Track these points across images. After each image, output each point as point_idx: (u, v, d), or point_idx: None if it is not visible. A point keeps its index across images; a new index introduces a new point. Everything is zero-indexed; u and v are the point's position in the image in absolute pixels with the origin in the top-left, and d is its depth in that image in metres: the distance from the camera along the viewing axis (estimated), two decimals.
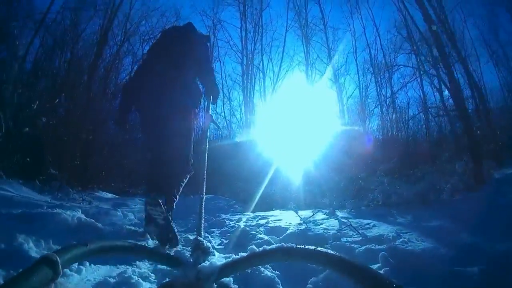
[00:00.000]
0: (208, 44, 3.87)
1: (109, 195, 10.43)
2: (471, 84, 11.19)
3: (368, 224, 4.35)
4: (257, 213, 6.70)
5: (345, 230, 4.06)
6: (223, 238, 3.91)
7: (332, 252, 1.02)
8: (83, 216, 3.72)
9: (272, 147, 11.38)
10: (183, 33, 3.48)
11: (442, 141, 13.27)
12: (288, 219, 5.30)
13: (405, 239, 3.31)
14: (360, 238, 3.61)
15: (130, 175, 12.88)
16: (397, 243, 3.16)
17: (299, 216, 5.26)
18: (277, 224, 4.71)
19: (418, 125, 16.23)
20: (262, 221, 5.09)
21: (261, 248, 1.44)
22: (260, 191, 8.21)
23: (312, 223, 4.76)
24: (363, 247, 3.06)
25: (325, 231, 3.95)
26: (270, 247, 1.31)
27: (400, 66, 16.60)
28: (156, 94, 3.11)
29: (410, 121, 15.91)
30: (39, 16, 11.16)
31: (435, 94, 15.82)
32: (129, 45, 15.82)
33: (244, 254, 1.56)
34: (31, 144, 7.72)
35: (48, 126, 8.91)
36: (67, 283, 1.66)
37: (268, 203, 8.62)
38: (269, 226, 4.49)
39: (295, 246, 1.18)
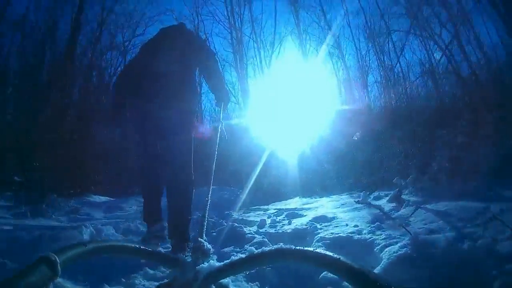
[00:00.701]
0: (208, 45, 3.45)
1: (103, 199, 8.57)
2: None
3: (486, 208, 2.33)
4: (278, 207, 4.71)
5: (468, 228, 2.06)
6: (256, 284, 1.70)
7: (331, 254, 0.89)
8: None
9: (272, 128, 9.29)
10: (181, 30, 3.04)
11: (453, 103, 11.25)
12: (339, 214, 3.23)
13: None
14: None
15: (127, 174, 10.78)
16: None
17: (372, 205, 3.04)
18: (338, 230, 2.57)
19: (416, 91, 14.17)
20: (299, 223, 3.05)
21: (259, 250, 1.17)
22: (266, 178, 6.93)
23: (388, 216, 2.74)
24: None
25: (444, 237, 1.87)
26: (269, 248, 1.18)
27: (393, 31, 14.36)
28: (155, 91, 2.67)
29: (414, 85, 13.83)
30: None
31: (433, 56, 13.67)
32: (110, 36, 13.47)
33: (243, 256, 1.25)
34: None
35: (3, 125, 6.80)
36: (65, 283, 1.45)
37: (279, 191, 6.74)
38: (327, 238, 2.34)
39: (293, 247, 1.07)
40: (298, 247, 1.07)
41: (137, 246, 1.36)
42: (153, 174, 2.74)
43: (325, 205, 3.96)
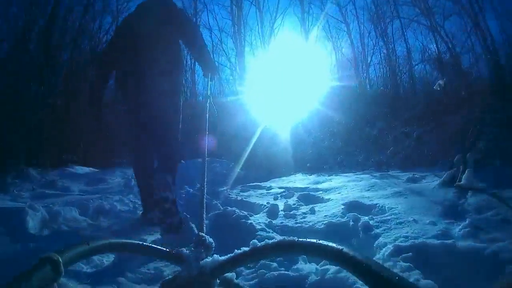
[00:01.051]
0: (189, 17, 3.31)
1: (86, 170, 7.48)
2: None
3: None
4: (282, 185, 3.76)
5: None
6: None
7: (335, 245, 0.83)
8: None
9: (269, 101, 8.42)
10: (159, 2, 2.74)
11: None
12: (379, 200, 2.25)
13: None
14: None
15: (114, 143, 9.70)
16: None
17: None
18: (410, 231, 1.53)
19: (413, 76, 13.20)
20: (330, 213, 2.05)
21: (263, 242, 1.09)
22: (262, 152, 6.13)
23: (463, 207, 1.81)
24: None
25: None
26: (272, 240, 1.07)
27: (403, 18, 13.15)
28: (139, 65, 2.48)
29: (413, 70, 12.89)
30: None
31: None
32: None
33: (246, 249, 1.10)
34: None
35: None
36: (68, 283, 1.33)
37: (278, 166, 5.77)
38: (406, 247, 1.29)
39: (296, 239, 0.98)
40: (301, 239, 0.95)
41: (139, 243, 1.27)
42: (145, 151, 2.61)
43: (347, 186, 2.99)
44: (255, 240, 1.42)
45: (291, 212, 2.20)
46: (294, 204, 2.44)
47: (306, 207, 2.31)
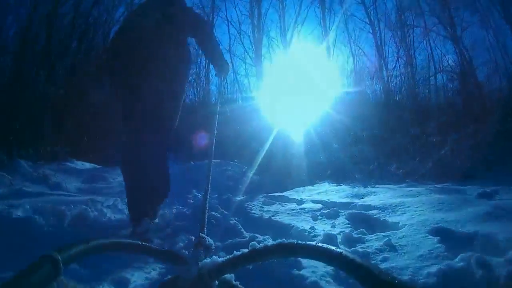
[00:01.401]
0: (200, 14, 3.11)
1: (87, 165, 6.93)
2: None
3: None
4: (312, 196, 3.06)
5: None
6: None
7: (333, 248, 0.79)
8: None
9: (287, 103, 7.97)
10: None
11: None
12: (475, 226, 1.50)
13: None
14: None
15: (117, 138, 9.07)
16: None
17: None
18: None
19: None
20: (423, 251, 1.33)
21: (262, 245, 1.01)
22: (277, 156, 5.53)
23: None
24: None
25: None
26: (271, 243, 1.02)
27: (415, 27, 12.61)
28: (144, 62, 2.30)
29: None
30: None
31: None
32: None
33: (245, 251, 1.02)
34: None
35: None
36: (68, 281, 1.00)
37: (298, 174, 5.08)
38: None
39: (296, 242, 0.92)
40: (300, 241, 0.90)
41: (140, 243, 1.20)
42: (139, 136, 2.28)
43: (407, 203, 2.15)
44: (254, 242, 1.33)
45: (359, 249, 1.43)
46: (352, 231, 1.66)
47: (373, 237, 1.55)
